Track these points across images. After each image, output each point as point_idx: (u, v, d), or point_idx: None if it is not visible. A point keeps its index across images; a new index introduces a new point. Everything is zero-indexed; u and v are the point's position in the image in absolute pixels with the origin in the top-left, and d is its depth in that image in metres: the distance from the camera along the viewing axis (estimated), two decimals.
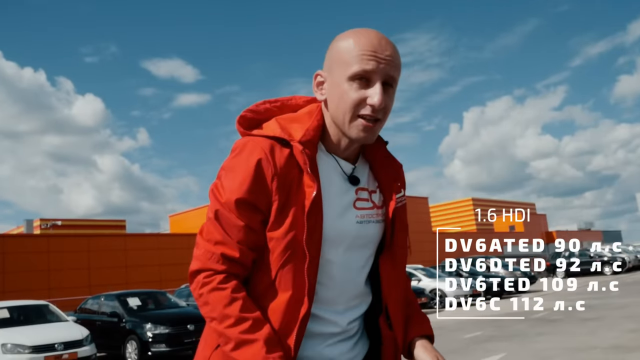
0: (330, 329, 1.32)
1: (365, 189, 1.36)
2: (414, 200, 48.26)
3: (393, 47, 1.26)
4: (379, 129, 1.30)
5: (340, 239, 1.30)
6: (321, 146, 1.33)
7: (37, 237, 30.58)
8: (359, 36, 1.25)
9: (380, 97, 1.23)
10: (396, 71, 1.26)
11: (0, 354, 9.12)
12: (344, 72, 1.24)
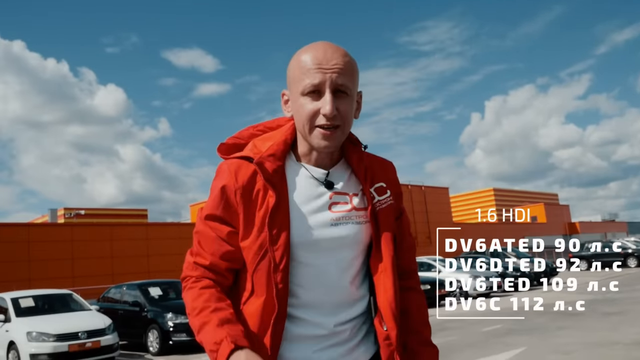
0: (315, 331, 1.36)
1: (343, 192, 1.42)
2: (435, 190, 47.96)
3: (341, 55, 1.33)
4: (341, 135, 1.36)
5: (312, 242, 1.35)
6: (292, 156, 1.43)
7: (61, 226, 31.11)
8: (306, 52, 1.35)
9: (331, 106, 1.30)
10: (346, 78, 1.33)
11: (26, 341, 9.33)
12: (298, 89, 1.34)
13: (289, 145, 1.43)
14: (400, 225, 1.52)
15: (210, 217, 1.39)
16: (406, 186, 44.98)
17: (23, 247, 26.03)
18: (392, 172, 1.53)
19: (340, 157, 1.46)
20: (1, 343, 9.84)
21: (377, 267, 1.40)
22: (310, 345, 1.36)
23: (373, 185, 1.44)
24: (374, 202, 1.42)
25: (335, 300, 1.38)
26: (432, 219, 45.42)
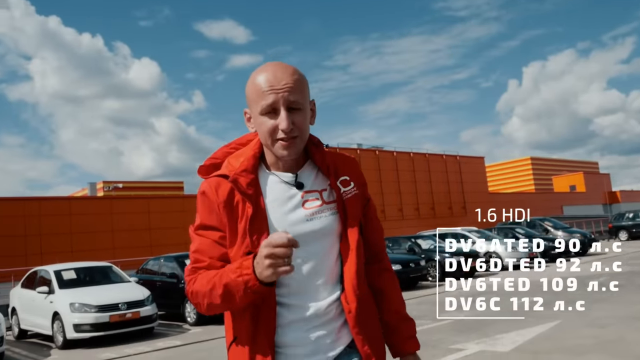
0: (305, 313, 1.54)
1: (313, 190, 1.60)
2: (470, 160, 47.26)
3: (289, 74, 1.50)
4: (300, 143, 1.54)
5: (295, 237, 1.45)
6: (262, 167, 1.61)
7: (101, 199, 31.91)
8: (259, 75, 1.51)
9: (287, 122, 1.47)
10: (296, 95, 1.49)
11: (69, 312, 9.68)
12: (256, 109, 1.51)
13: (258, 158, 1.61)
14: (367, 212, 1.70)
15: (202, 226, 1.58)
16: (440, 156, 44.50)
17: (65, 220, 26.86)
18: (355, 166, 1.70)
19: (305, 160, 1.64)
20: (46, 313, 10.25)
21: (345, 251, 1.58)
22: (302, 326, 1.54)
23: (338, 179, 1.62)
24: (341, 193, 1.60)
25: (321, 284, 1.56)
26: (467, 189, 44.88)
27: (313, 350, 1.55)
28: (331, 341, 1.57)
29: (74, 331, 9.56)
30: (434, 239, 19.08)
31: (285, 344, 1.54)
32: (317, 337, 1.55)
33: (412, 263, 15.53)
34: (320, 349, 1.56)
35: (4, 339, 8.81)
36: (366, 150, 40.13)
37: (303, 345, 1.55)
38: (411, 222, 38.93)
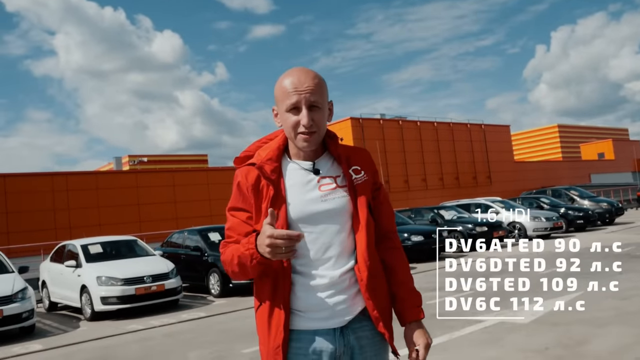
0: (322, 281, 1.79)
1: (328, 176, 1.87)
2: (495, 128, 46.54)
3: (311, 78, 1.78)
4: (318, 137, 1.82)
5: (308, 216, 1.81)
6: (286, 157, 1.90)
7: (126, 174, 32.35)
8: (286, 78, 1.80)
9: (307, 119, 1.76)
10: (317, 96, 1.78)
11: (96, 285, 9.93)
12: (283, 107, 1.81)
13: (282, 149, 1.89)
14: (378, 196, 1.95)
15: (233, 208, 1.89)
16: (465, 125, 43.91)
17: (92, 195, 27.34)
18: (366, 157, 1.96)
19: (323, 151, 1.91)
20: (74, 286, 10.53)
21: (357, 228, 1.84)
22: (319, 293, 1.79)
23: (350, 167, 1.88)
24: (352, 179, 1.86)
25: (335, 255, 1.81)
26: (492, 158, 44.32)
27: (330, 314, 1.80)
28: (346, 306, 1.81)
29: (101, 303, 9.82)
30: (457, 210, 18.97)
31: (304, 309, 1.80)
32: (334, 303, 1.79)
33: (434, 234, 15.50)
34: (337, 313, 1.80)
35: (34, 311, 9.09)
36: (389, 120, 39.80)
37: (321, 310, 1.79)
38: (435, 192, 38.71)
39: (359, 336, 1.84)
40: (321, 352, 1.81)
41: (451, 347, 5.61)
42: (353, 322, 1.83)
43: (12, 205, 25.19)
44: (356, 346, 1.84)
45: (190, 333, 8.23)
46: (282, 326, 1.78)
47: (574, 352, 5.21)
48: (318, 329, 1.80)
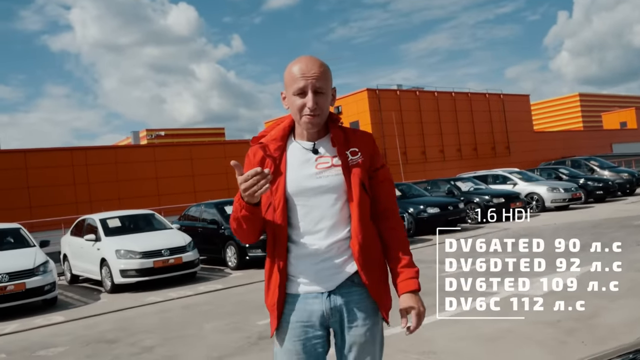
0: (312, 248, 2.00)
1: (326, 155, 2.04)
2: (514, 98, 45.81)
3: (318, 66, 1.97)
4: (321, 120, 2.01)
5: (303, 189, 2.00)
6: (291, 137, 2.10)
7: (144, 148, 32.61)
8: (294, 65, 1.99)
9: (312, 102, 1.95)
10: (322, 82, 1.97)
11: (115, 258, 10.12)
12: (290, 91, 1.99)
13: (288, 131, 2.09)
14: (376, 176, 2.09)
15: None
16: (483, 95, 43.30)
17: (111, 169, 27.63)
18: (365, 140, 2.10)
19: (325, 133, 2.08)
20: (94, 260, 10.74)
21: (351, 204, 2.00)
22: (310, 260, 2.00)
23: (348, 149, 2.04)
24: (348, 160, 2.03)
25: (326, 227, 2.00)
26: (511, 128, 43.74)
27: (318, 279, 2.00)
28: (333, 273, 2.00)
29: (121, 276, 10.02)
30: (474, 181, 18.84)
31: (296, 274, 2.02)
32: (321, 269, 2.00)
33: (451, 206, 15.45)
34: (324, 279, 2.00)
35: (56, 284, 9.31)
36: (406, 91, 39.38)
37: (307, 275, 2.01)
38: (453, 164, 38.44)
39: (348, 300, 2.02)
40: (311, 313, 2.02)
41: (462, 318, 5.64)
42: (342, 287, 2.01)
43: (33, 180, 25.59)
44: (344, 309, 2.01)
45: (207, 305, 8.37)
46: (277, 287, 2.01)
47: (587, 325, 5.22)
48: (308, 292, 2.02)
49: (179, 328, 6.92)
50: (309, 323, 2.01)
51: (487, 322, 5.45)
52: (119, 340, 6.55)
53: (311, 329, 2.01)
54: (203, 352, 5.60)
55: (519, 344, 4.92)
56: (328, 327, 2.05)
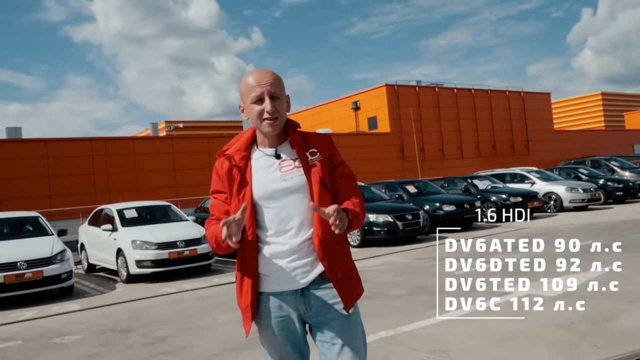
0: (283, 248, 2.11)
1: (287, 159, 2.17)
2: (535, 96, 45.32)
3: (270, 75, 2.13)
4: (280, 123, 2.15)
5: (270, 193, 2.12)
6: (254, 146, 2.24)
7: (163, 139, 32.86)
8: (249, 77, 2.14)
9: (270, 106, 2.10)
10: (276, 87, 2.12)
11: (131, 249, 10.23)
12: (248, 100, 2.14)
13: (250, 141, 2.23)
14: (336, 172, 2.21)
15: (214, 191, 2.26)
16: (504, 92, 42.87)
17: (130, 159, 27.89)
18: (323, 141, 2.23)
19: (285, 139, 2.21)
20: (110, 249, 10.87)
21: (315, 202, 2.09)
22: (282, 259, 2.11)
23: (307, 150, 2.18)
24: (308, 160, 2.16)
25: (295, 226, 2.12)
26: (530, 126, 43.28)
27: (291, 278, 2.10)
28: (305, 270, 2.11)
29: (136, 267, 10.13)
30: (491, 180, 18.69)
31: (269, 273, 2.12)
32: (294, 267, 2.10)
33: (467, 204, 15.35)
34: (297, 276, 2.11)
35: (72, 273, 9.45)
36: (425, 88, 39.13)
37: (283, 274, 2.11)
38: (471, 162, 38.16)
39: (318, 296, 2.14)
40: (288, 310, 2.14)
41: (475, 317, 5.61)
42: (314, 284, 2.13)
43: (54, 170, 25.92)
44: (317, 305, 2.14)
45: (221, 297, 8.43)
46: (250, 289, 2.13)
47: (601, 328, 5.16)
48: (283, 291, 2.13)
49: (192, 319, 6.99)
50: (286, 316, 2.15)
51: (499, 322, 5.42)
52: (133, 330, 6.63)
53: (289, 321, 2.15)
54: (215, 344, 5.64)
55: (531, 344, 4.88)
56: (304, 321, 2.18)
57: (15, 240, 9.68)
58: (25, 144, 26.61)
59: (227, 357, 5.22)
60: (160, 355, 5.46)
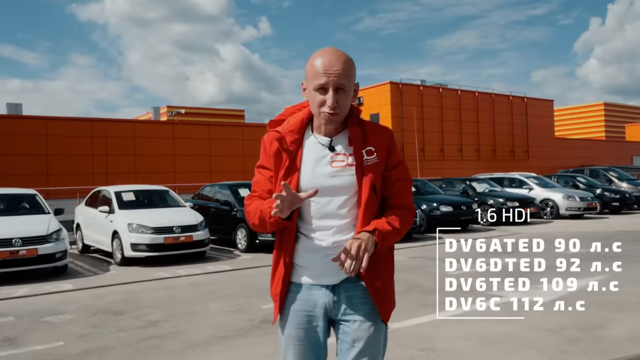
0: (322, 244, 2.01)
1: (341, 154, 2.01)
2: (538, 102, 45.32)
3: (342, 62, 1.90)
4: (340, 118, 1.97)
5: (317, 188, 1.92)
6: (309, 129, 2.07)
7: (164, 124, 32.80)
8: (317, 58, 1.93)
9: (332, 101, 1.91)
10: (345, 79, 1.91)
11: (127, 232, 10.24)
12: (311, 85, 1.94)
13: (306, 122, 2.06)
14: (390, 176, 2.05)
15: (260, 166, 2.11)
16: (507, 97, 42.89)
17: (130, 142, 27.88)
18: (384, 137, 2.06)
19: (344, 128, 2.05)
20: (106, 231, 10.88)
21: (360, 205, 1.98)
22: (317, 253, 2.01)
23: (364, 147, 2.01)
24: (363, 160, 2.00)
25: (334, 225, 2.01)
26: (532, 132, 43.33)
27: (324, 272, 2.01)
28: (337, 269, 1.95)
29: (131, 250, 10.14)
30: (489, 183, 18.73)
31: (303, 264, 2.05)
32: (326, 263, 1.98)
33: (464, 206, 15.39)
34: (329, 272, 2.00)
35: (67, 252, 9.45)
36: (429, 87, 39.13)
37: (314, 268, 2.03)
38: (470, 164, 38.21)
39: (350, 295, 2.04)
40: (315, 303, 2.05)
41: (465, 319, 5.65)
42: (346, 282, 2.03)
43: (53, 148, 25.91)
44: (346, 303, 2.04)
45: (215, 284, 8.46)
46: (282, 278, 2.06)
47: (590, 335, 5.19)
48: (313, 284, 2.05)
49: (184, 305, 7.01)
50: (312, 313, 2.05)
51: (490, 323, 5.45)
52: (125, 313, 6.65)
53: (314, 319, 2.05)
54: (207, 331, 5.67)
55: (520, 348, 4.91)
56: (330, 318, 2.07)
57: (12, 216, 9.68)
58: (25, 121, 26.55)
59: (219, 344, 5.25)
60: (152, 339, 5.48)
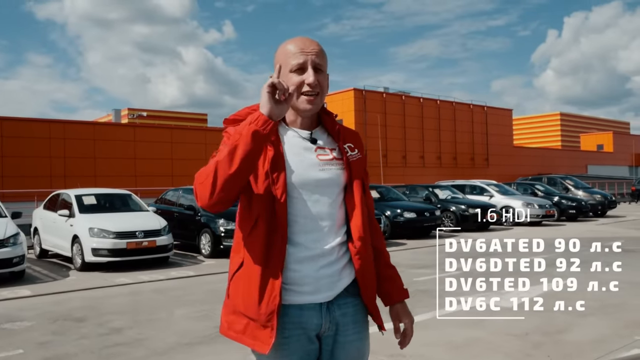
0: (311, 252, 1.74)
1: (324, 147, 1.83)
2: (497, 111, 46.37)
3: (316, 44, 1.80)
4: (320, 101, 1.80)
5: (305, 182, 1.75)
6: (282, 123, 1.82)
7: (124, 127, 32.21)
8: (290, 43, 1.80)
9: (313, 78, 1.74)
10: (321, 59, 1.78)
11: (88, 236, 9.99)
12: (287, 68, 1.76)
13: None
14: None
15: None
16: (468, 105, 43.74)
17: (89, 145, 27.26)
18: (359, 138, 1.95)
19: (318, 124, 1.88)
20: (66, 236, 10.59)
21: (351, 202, 1.82)
22: (311, 265, 1.73)
23: (345, 143, 1.87)
24: (348, 155, 1.84)
25: (325, 226, 1.77)
26: (491, 141, 44.29)
27: (317, 288, 1.75)
28: (333, 281, 1.77)
29: (92, 255, 9.89)
30: (452, 190, 19.03)
31: (292, 281, 1.73)
32: (322, 276, 1.75)
33: (427, 212, 15.58)
34: (323, 287, 1.76)
35: (25, 257, 9.16)
36: (392, 95, 39.59)
37: (308, 284, 1.74)
38: (432, 171, 38.78)
39: (344, 312, 1.81)
40: (307, 327, 1.76)
41: (433, 325, 5.71)
42: (338, 298, 1.79)
43: (8, 150, 25.12)
44: (340, 322, 1.81)
45: (179, 290, 8.32)
46: (274, 295, 1.68)
47: (554, 340, 5.32)
48: (304, 304, 1.74)
49: (148, 311, 6.87)
50: (305, 336, 1.77)
51: (458, 329, 5.52)
52: (87, 320, 6.47)
53: (307, 342, 1.78)
54: (172, 338, 5.57)
55: (487, 353, 4.99)
56: (320, 338, 1.81)
57: None
58: None
59: (184, 351, 5.16)
60: (117, 346, 5.35)
